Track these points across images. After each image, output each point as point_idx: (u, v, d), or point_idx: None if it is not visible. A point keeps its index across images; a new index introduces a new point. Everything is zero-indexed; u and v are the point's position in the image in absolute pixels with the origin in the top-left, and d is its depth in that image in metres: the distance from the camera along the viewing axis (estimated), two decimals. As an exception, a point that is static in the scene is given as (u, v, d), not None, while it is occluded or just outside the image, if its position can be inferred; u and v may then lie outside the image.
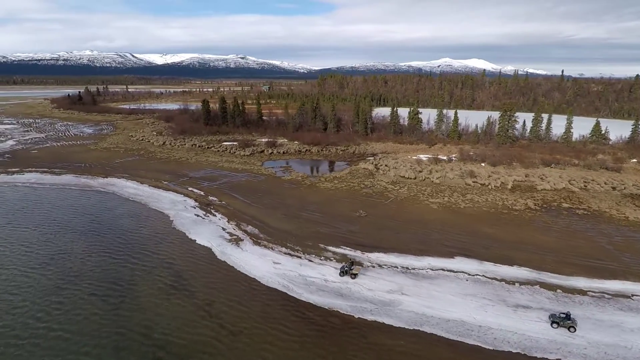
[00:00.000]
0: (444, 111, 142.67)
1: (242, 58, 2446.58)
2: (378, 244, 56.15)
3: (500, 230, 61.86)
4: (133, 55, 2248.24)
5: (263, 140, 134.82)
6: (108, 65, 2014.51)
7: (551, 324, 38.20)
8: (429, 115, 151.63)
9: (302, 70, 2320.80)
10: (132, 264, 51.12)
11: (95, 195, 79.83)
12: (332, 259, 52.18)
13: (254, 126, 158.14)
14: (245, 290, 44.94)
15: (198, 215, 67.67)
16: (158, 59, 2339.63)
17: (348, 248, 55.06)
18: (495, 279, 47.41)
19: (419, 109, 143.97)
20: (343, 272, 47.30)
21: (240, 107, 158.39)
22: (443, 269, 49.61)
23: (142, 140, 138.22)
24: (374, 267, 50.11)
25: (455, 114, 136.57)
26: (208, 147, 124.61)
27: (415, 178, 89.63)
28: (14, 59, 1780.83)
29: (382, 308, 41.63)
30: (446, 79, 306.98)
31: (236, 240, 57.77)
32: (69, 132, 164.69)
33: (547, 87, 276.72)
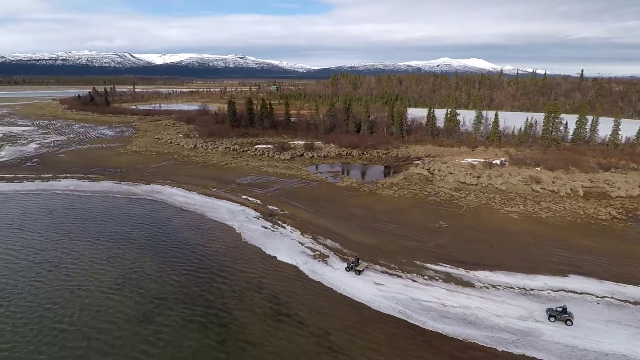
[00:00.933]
0: (484, 113, 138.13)
1: (242, 58, 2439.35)
2: (478, 261, 51.51)
3: (599, 243, 57.35)
4: (132, 55, 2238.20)
5: (298, 143, 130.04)
6: (107, 65, 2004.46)
7: (548, 318, 39.07)
8: (463, 117, 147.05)
9: (301, 70, 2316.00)
10: (218, 283, 46.37)
11: (145, 204, 74.86)
12: (437, 278, 47.51)
13: (282, 128, 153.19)
14: (358, 317, 40.22)
15: (266, 227, 62.86)
16: (157, 59, 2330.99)
17: (448, 265, 50.42)
18: (628, 301, 42.87)
19: (457, 111, 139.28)
20: (349, 268, 48.35)
21: (269, 108, 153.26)
22: (564, 290, 45.05)
23: (171, 143, 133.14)
24: (487, 287, 45.45)
25: (496, 115, 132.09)
26: (243, 151, 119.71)
27: (476, 184, 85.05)
28: (12, 59, 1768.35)
29: (524, 339, 36.97)
30: (462, 79, 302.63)
31: (321, 257, 53.01)
32: (89, 134, 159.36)
33: (567, 87, 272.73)
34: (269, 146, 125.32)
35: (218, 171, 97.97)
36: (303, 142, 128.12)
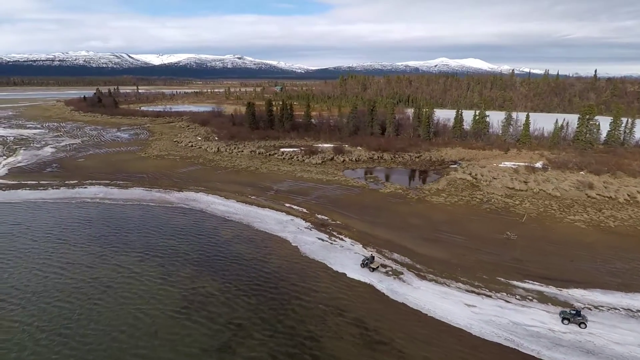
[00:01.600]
0: (513, 114, 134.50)
1: (239, 58, 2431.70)
2: (565, 277, 47.70)
3: (685, 255, 53.58)
4: (129, 56, 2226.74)
5: (323, 146, 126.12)
6: (104, 65, 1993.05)
7: (562, 321, 38.56)
8: (490, 119, 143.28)
9: (299, 70, 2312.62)
10: (293, 305, 42.35)
11: (185, 213, 70.64)
12: (530, 298, 43.63)
13: (303, 130, 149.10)
14: (462, 346, 36.24)
15: (323, 240, 58.79)
16: (155, 60, 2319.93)
17: (536, 282, 46.56)
18: None
19: (486, 113, 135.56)
20: (364, 265, 49.66)
21: (290, 110, 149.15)
22: (673, 311, 41.16)
23: (192, 146, 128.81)
24: (590, 309, 41.53)
25: (527, 117, 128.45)
26: (269, 154, 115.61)
27: (526, 190, 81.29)
28: (8, 59, 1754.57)
29: (659, 372, 33.04)
30: (473, 80, 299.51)
31: (395, 274, 49.00)
32: (103, 137, 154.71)
33: (580, 87, 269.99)
34: (295, 149, 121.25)
35: (250, 176, 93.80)
36: (329, 145, 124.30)
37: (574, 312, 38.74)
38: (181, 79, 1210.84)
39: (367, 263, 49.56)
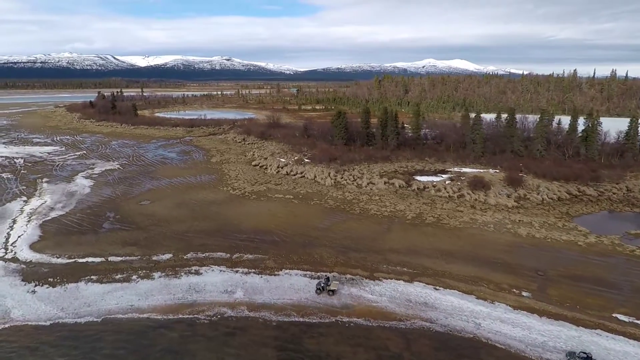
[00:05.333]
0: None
1: (228, 60, 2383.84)
2: None
3: None
4: (114, 57, 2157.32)
5: (465, 170, 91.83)
6: (89, 67, 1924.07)
7: None
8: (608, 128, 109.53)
9: (288, 72, 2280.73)
10: None
11: (449, 351, 34.21)
12: None
13: (411, 147, 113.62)
14: None
15: None
16: (140, 61, 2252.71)
17: None
18: None
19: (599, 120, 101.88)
20: (320, 290, 41.85)
21: (396, 121, 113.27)
22: None
23: (289, 175, 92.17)
24: None
25: None
26: (411, 187, 79.75)
27: None
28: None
29: None
30: (532, 81, 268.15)
31: None
32: (144, 157, 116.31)
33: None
34: (437, 178, 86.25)
35: (450, 237, 57.92)
36: (473, 170, 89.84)
37: (585, 355, 31.56)
38: (170, 80, 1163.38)
39: (323, 287, 42.21)
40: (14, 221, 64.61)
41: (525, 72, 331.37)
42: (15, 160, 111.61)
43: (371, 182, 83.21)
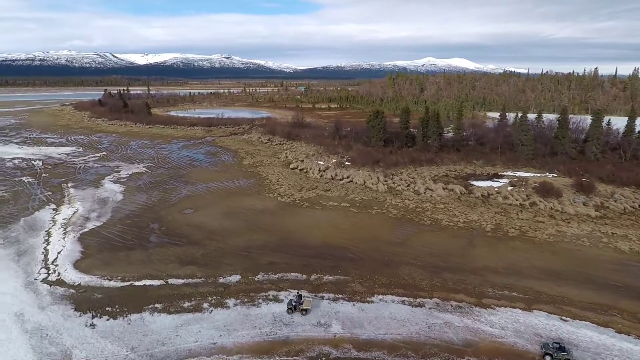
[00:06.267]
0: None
1: (227, 58, 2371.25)
2: None
3: None
4: (114, 55, 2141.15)
5: (520, 174, 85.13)
6: (88, 65, 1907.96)
7: (544, 356, 32.07)
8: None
9: (288, 70, 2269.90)
10: None
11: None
12: None
13: (453, 149, 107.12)
14: None
15: None
16: (140, 59, 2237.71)
17: None
18: None
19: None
20: (292, 309, 38.01)
21: (438, 122, 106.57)
22: None
23: (334, 179, 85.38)
24: None
25: None
26: (485, 197, 73.05)
27: None
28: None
29: None
30: (550, 79, 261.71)
31: None
32: (170, 159, 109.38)
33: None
34: (498, 184, 79.84)
35: (549, 255, 51.49)
36: (527, 174, 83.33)
37: (557, 345, 32.55)
38: (170, 79, 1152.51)
39: (295, 306, 38.29)
40: (48, 233, 57.75)
41: (525, 70, 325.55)
42: (33, 162, 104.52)
43: (428, 187, 76.46)
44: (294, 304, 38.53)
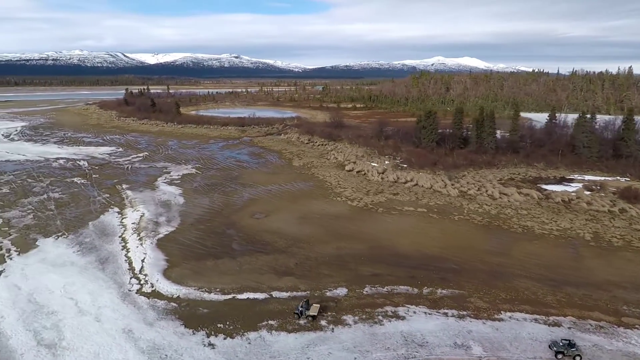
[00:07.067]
0: None
1: (236, 57, 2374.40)
2: None
3: None
4: (124, 55, 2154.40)
5: (588, 178, 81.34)
6: (99, 65, 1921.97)
7: (555, 355, 31.62)
8: None
9: (297, 70, 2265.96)
10: None
11: None
12: None
13: (509, 151, 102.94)
14: None
15: None
16: (150, 59, 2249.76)
17: None
18: None
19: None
20: (299, 315, 36.52)
21: (494, 123, 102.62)
22: None
23: (398, 183, 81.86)
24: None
25: None
26: (566, 202, 69.11)
27: None
28: (1, 59, 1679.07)
29: None
30: (582, 78, 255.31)
31: None
32: (217, 160, 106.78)
33: None
34: (572, 188, 76.13)
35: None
36: (599, 178, 79.23)
37: (566, 342, 32.48)
38: (181, 78, 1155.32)
39: (302, 312, 36.91)
40: (123, 239, 55.14)
41: (534, 69, 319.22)
42: (78, 162, 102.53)
43: (502, 192, 72.69)
44: (301, 309, 37.10)
